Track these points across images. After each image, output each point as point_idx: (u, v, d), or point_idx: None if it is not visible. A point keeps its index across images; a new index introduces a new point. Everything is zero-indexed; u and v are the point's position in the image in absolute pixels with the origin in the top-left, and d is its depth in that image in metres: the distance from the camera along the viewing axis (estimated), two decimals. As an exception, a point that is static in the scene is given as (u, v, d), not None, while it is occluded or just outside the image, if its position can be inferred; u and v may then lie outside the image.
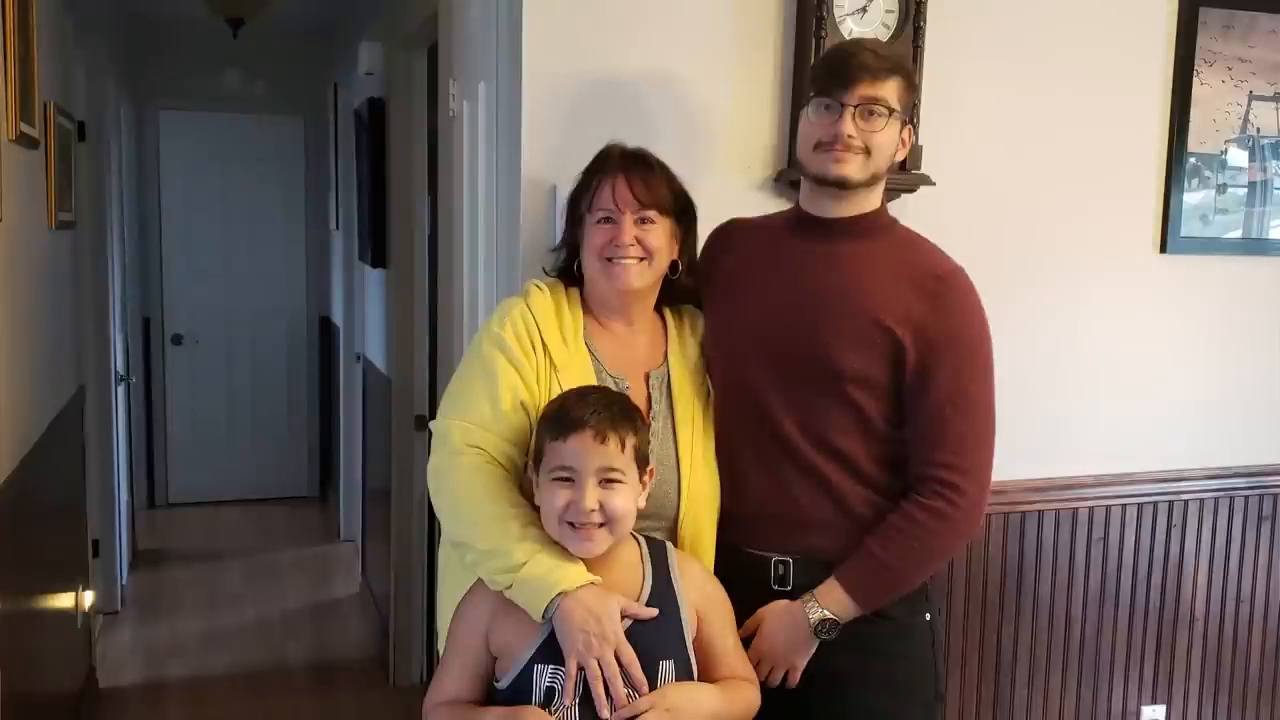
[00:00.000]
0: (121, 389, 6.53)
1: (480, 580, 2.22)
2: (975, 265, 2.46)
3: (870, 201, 2.46)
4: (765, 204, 2.95)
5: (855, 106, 2.34)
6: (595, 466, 2.11)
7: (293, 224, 8.51)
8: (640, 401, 2.37)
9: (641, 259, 2.39)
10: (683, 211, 2.47)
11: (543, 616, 2.11)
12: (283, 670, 5.63)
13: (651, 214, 2.39)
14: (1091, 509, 3.50)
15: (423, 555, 5.00)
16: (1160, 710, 3.68)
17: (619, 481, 2.13)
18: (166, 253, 8.24)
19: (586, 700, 2.09)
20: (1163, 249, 3.46)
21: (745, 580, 2.40)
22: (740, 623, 2.35)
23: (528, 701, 2.11)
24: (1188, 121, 3.43)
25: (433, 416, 2.44)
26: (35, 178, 3.96)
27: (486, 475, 2.27)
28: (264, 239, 8.43)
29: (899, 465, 2.41)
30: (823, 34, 2.91)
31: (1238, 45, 3.47)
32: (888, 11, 2.99)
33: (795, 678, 2.40)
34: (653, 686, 2.13)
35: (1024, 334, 3.27)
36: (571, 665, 2.09)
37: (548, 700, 2.11)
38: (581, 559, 2.15)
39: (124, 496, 6.64)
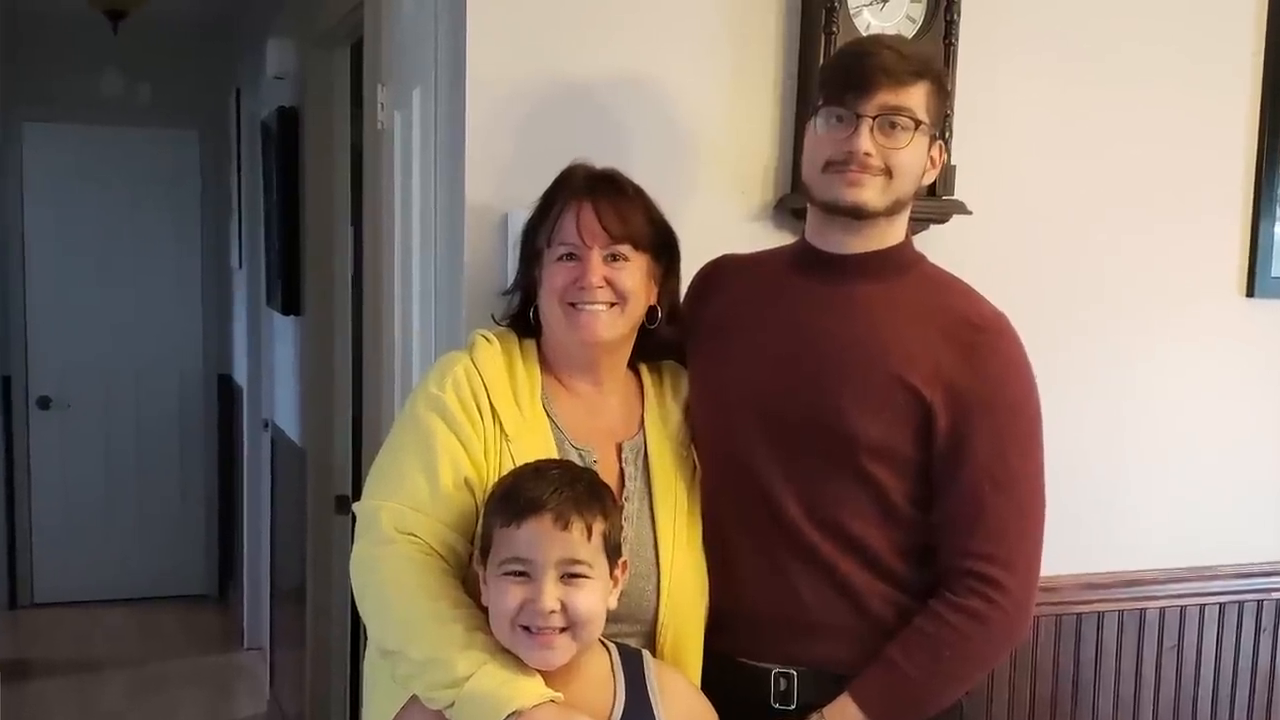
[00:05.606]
0: (-26, 463, 6.50)
1: (415, 697, 2.20)
2: (1018, 311, 2.47)
3: (892, 234, 2.47)
4: (763, 237, 2.96)
5: (874, 118, 2.35)
6: (555, 558, 2.10)
7: (186, 261, 8.51)
8: (611, 479, 2.37)
9: (612, 304, 2.39)
10: (662, 246, 2.47)
11: (491, 742, 2.10)
12: (173, 809, 5.61)
13: (624, 249, 2.39)
14: (1162, 610, 3.50)
15: (345, 666, 4.99)
16: None
17: (584, 576, 2.12)
18: (31, 296, 8.21)
19: (544, 845, 2.08)
20: (1249, 292, 3.49)
21: (740, 697, 2.39)
22: (734, 750, 2.35)
23: (472, 847, 2.10)
24: None
25: (357, 497, 2.44)
26: None
27: (422, 568, 2.26)
28: (151, 279, 8.41)
29: (926, 556, 2.41)
30: (834, 29, 2.92)
31: (1342, 42, 3.47)
32: (913, 1, 3.00)
33: (800, 817, 2.39)
34: (626, 828, 2.12)
35: (1077, 396, 3.27)
36: (526, 802, 2.08)
37: (496, 845, 2.09)
38: (539, 670, 2.14)
39: (-24, 596, 6.60)
